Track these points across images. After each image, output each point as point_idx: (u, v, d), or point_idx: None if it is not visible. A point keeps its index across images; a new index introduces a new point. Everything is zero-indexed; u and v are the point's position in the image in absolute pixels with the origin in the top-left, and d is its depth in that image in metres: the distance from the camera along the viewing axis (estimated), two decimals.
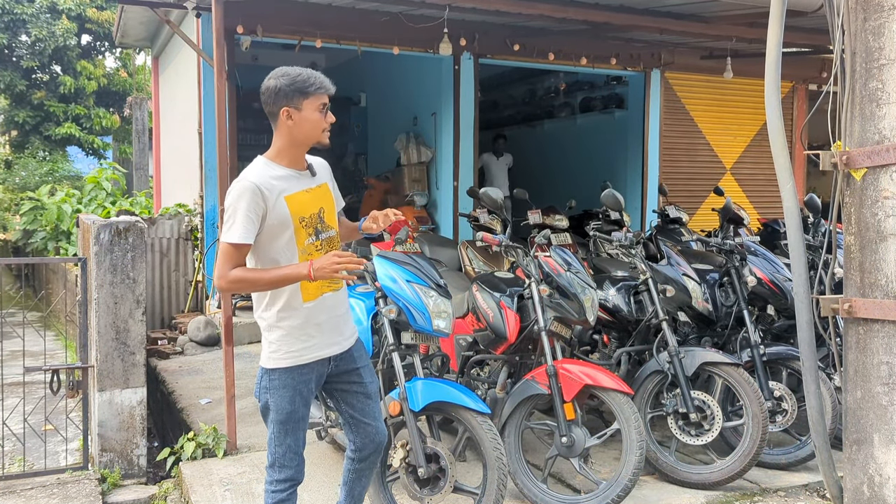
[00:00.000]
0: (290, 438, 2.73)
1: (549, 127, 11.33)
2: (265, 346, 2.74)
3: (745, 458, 3.85)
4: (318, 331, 2.72)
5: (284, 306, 2.67)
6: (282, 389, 2.69)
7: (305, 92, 2.63)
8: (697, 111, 9.77)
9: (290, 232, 2.65)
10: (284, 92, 2.63)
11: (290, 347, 2.68)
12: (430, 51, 7.68)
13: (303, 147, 2.73)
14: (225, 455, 4.44)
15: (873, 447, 2.94)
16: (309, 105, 2.64)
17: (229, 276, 2.57)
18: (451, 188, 8.46)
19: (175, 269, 8.39)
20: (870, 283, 2.93)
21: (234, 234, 2.56)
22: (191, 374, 6.46)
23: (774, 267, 4.51)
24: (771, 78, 3.11)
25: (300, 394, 2.71)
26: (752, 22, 6.24)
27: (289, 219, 2.64)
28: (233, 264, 2.58)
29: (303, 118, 2.64)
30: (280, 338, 2.69)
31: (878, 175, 2.88)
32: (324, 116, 2.68)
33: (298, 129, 2.66)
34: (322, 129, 2.69)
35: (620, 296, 4.31)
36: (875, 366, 2.92)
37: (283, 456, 2.73)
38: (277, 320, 2.68)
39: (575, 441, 3.55)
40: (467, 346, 4.14)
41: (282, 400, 2.69)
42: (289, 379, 2.69)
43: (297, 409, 2.72)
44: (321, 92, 2.66)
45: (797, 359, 4.25)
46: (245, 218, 2.56)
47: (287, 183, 2.67)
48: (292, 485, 2.78)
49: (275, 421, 2.72)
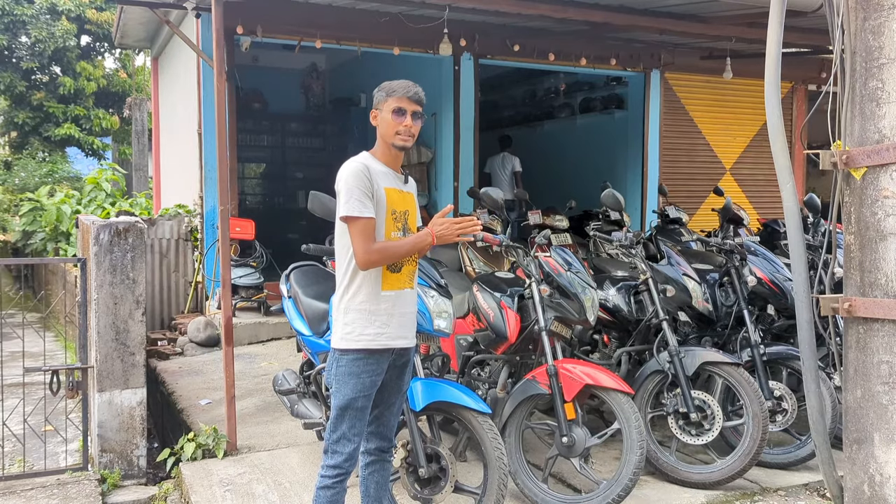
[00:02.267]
0: (346, 425, 2.79)
1: (549, 127, 11.33)
2: (338, 329, 2.83)
3: (746, 458, 3.85)
4: (391, 321, 2.83)
5: (366, 293, 2.80)
6: (348, 376, 2.79)
7: (387, 94, 2.86)
8: (697, 111, 9.77)
9: (382, 218, 2.82)
10: (377, 96, 2.90)
11: (364, 330, 2.78)
12: (430, 51, 7.68)
13: (388, 148, 2.89)
14: (225, 456, 4.43)
15: (874, 446, 2.94)
16: (387, 107, 2.85)
17: (373, 249, 2.73)
18: (452, 189, 8.46)
19: (175, 270, 8.39)
20: (870, 282, 2.92)
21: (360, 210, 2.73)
22: (191, 374, 6.46)
23: (774, 267, 4.51)
24: (771, 78, 3.11)
25: (364, 382, 2.79)
26: (751, 22, 6.24)
27: (385, 207, 2.83)
28: (367, 237, 2.73)
29: (381, 118, 2.87)
30: (355, 319, 2.79)
31: (878, 174, 2.88)
32: (397, 119, 2.83)
33: (380, 128, 2.88)
34: (394, 130, 2.84)
35: (621, 296, 4.31)
36: (875, 365, 2.92)
37: (337, 442, 2.80)
38: (358, 304, 2.79)
39: (576, 441, 3.55)
40: (468, 346, 4.14)
41: (345, 385, 2.78)
42: (357, 365, 2.78)
43: (358, 397, 2.79)
44: (396, 95, 2.85)
45: (797, 358, 4.26)
46: (361, 194, 2.74)
47: (386, 178, 2.87)
48: (340, 474, 2.81)
49: (335, 406, 2.81)
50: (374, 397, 2.86)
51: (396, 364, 2.91)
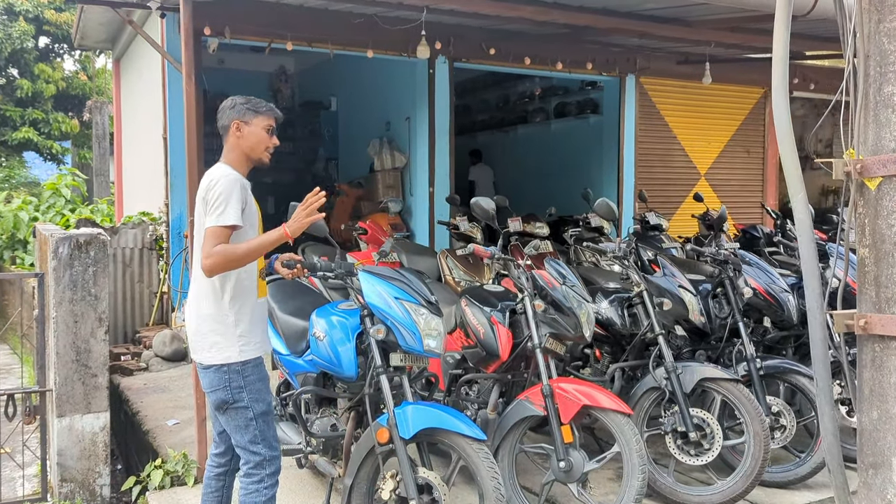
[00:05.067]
0: (271, 429, 2.92)
1: (523, 132, 11.19)
2: (231, 342, 2.84)
3: (748, 479, 3.69)
4: (264, 326, 3.02)
5: (246, 302, 2.89)
6: (258, 382, 2.88)
7: (256, 111, 2.96)
8: (672, 116, 9.70)
9: (255, 230, 2.93)
10: (238, 109, 2.96)
11: (256, 338, 2.91)
12: (404, 54, 7.46)
13: (249, 162, 2.99)
14: (196, 483, 4.16)
15: (892, 471, 2.79)
16: (257, 122, 2.95)
17: (214, 251, 2.73)
18: (427, 194, 8.24)
19: (139, 281, 8.04)
20: (886, 297, 2.77)
21: (230, 217, 2.76)
22: (157, 392, 6.14)
23: (770, 277, 4.37)
24: (778, 83, 2.95)
25: (268, 383, 2.91)
26: (734, 27, 6.13)
27: (257, 217, 2.96)
28: (217, 244, 2.75)
29: (250, 132, 2.93)
30: (247, 330, 2.86)
31: (894, 185, 2.74)
32: (269, 136, 2.97)
33: (245, 142, 2.94)
34: (265, 147, 2.97)
35: (613, 308, 4.13)
36: (893, 385, 2.77)
37: (271, 447, 2.90)
38: (244, 314, 2.87)
39: (573, 465, 3.36)
40: (455, 363, 3.92)
41: (260, 392, 2.87)
42: (261, 370, 2.91)
43: (270, 399, 2.92)
44: (269, 114, 2.98)
45: (795, 372, 4.13)
46: (238, 205, 2.79)
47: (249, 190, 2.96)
48: (278, 473, 2.96)
49: (257, 416, 2.85)
50: None
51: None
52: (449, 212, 8.00)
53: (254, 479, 2.89)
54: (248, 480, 2.91)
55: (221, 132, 3.00)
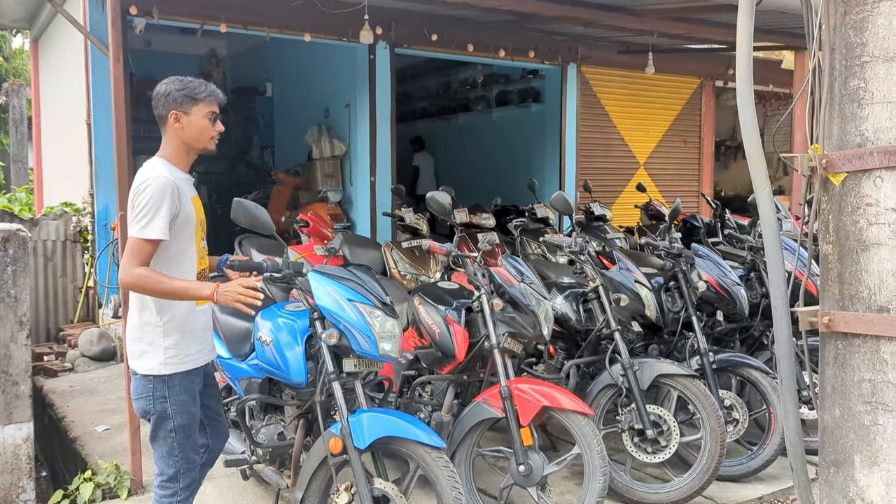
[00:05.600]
0: (191, 441, 2.80)
1: (464, 120, 11.05)
2: (157, 353, 2.71)
3: (704, 475, 3.66)
4: (205, 335, 2.86)
5: (178, 312, 2.73)
6: (183, 394, 2.75)
7: (195, 98, 2.73)
8: (612, 106, 9.73)
9: (191, 232, 2.75)
10: (174, 96, 2.72)
11: (188, 351, 2.75)
12: (344, 39, 7.20)
13: (192, 153, 2.81)
14: (129, 496, 3.89)
15: (854, 469, 2.77)
16: (198, 111, 2.74)
17: (135, 273, 2.58)
18: (368, 184, 8.02)
19: (62, 275, 7.59)
20: (850, 294, 2.74)
21: (155, 231, 2.59)
22: (84, 394, 5.79)
23: (722, 270, 4.36)
24: (743, 75, 2.87)
25: (197, 395, 2.81)
26: (680, 17, 6.12)
27: (195, 219, 2.76)
28: (141, 261, 2.60)
29: (191, 122, 2.73)
30: (178, 342, 2.72)
31: (859, 180, 2.70)
32: (212, 124, 2.78)
33: (186, 133, 2.74)
34: (210, 136, 2.78)
35: (568, 304, 4.04)
36: (856, 383, 2.75)
37: (187, 460, 2.79)
38: (176, 324, 2.72)
39: (533, 469, 3.25)
40: (408, 364, 3.76)
41: (184, 404, 2.75)
42: (188, 382, 2.76)
43: (197, 410, 2.81)
44: (211, 99, 2.76)
45: (747, 365, 4.12)
46: (166, 214, 2.60)
47: (187, 185, 2.78)
48: (194, 491, 2.87)
49: (178, 428, 2.74)
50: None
51: (206, 372, 2.94)
52: (391, 202, 7.81)
53: (167, 493, 2.79)
54: (161, 493, 2.81)
55: (158, 122, 2.78)
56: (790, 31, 6.74)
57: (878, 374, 2.70)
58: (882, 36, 2.62)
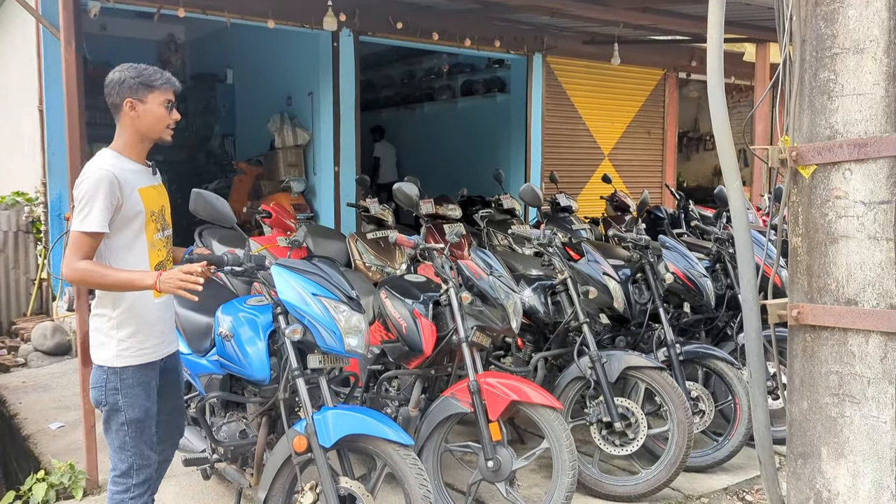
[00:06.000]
0: (146, 436, 2.74)
1: (429, 110, 10.96)
2: (111, 345, 2.68)
3: (672, 467, 3.66)
4: (164, 328, 2.80)
5: (137, 302, 2.69)
6: (137, 388, 2.69)
7: (150, 86, 2.67)
8: (577, 96, 9.72)
9: (140, 224, 2.68)
10: (129, 84, 2.65)
11: (143, 344, 2.70)
12: (307, 25, 7.06)
13: (147, 142, 2.75)
14: (85, 496, 3.76)
15: (821, 461, 2.78)
16: (153, 99, 2.68)
17: (77, 267, 2.54)
18: (332, 173, 7.89)
19: (14, 267, 7.34)
20: (818, 287, 2.74)
21: (92, 223, 2.54)
22: (37, 390, 5.60)
23: (688, 262, 4.35)
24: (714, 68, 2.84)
25: (152, 390, 2.75)
26: (645, 7, 6.10)
27: (143, 211, 2.68)
28: (83, 254, 2.56)
29: (146, 111, 2.67)
30: (131, 334, 2.68)
31: (829, 173, 2.69)
32: (168, 112, 2.72)
33: (141, 122, 2.69)
34: (166, 124, 2.73)
35: (536, 296, 4.00)
36: (823, 375, 2.75)
37: (141, 456, 2.73)
38: (130, 316, 2.68)
39: (501, 464, 3.21)
40: (374, 358, 3.69)
41: (137, 398, 2.69)
42: (141, 376, 2.70)
43: (152, 405, 2.74)
44: (167, 87, 2.70)
45: (713, 357, 4.14)
46: (103, 207, 2.55)
47: (138, 177, 2.71)
48: (150, 486, 2.79)
49: (130, 421, 2.69)
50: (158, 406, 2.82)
51: (168, 367, 2.88)
52: (356, 192, 7.70)
53: (120, 488, 2.73)
54: (114, 489, 2.75)
55: (112, 111, 2.70)
56: (753, 23, 6.78)
57: (845, 366, 2.70)
58: (853, 27, 2.61)
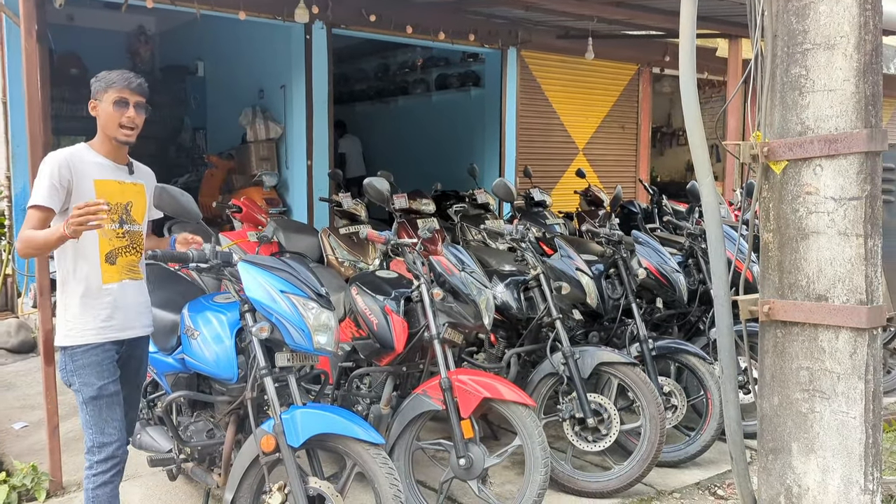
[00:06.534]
0: (107, 413, 2.80)
1: (403, 104, 10.88)
2: (60, 326, 2.83)
3: (644, 462, 3.66)
4: (116, 313, 2.85)
5: (85, 287, 2.81)
6: (86, 367, 2.80)
7: (107, 86, 2.84)
8: (552, 91, 9.70)
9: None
10: (94, 86, 2.87)
11: (86, 325, 2.80)
12: (279, 17, 6.96)
13: (108, 139, 2.87)
14: (48, 498, 3.67)
15: (791, 456, 2.79)
16: (107, 98, 2.82)
17: (21, 236, 2.68)
18: (305, 167, 7.80)
19: None
20: (789, 283, 2.75)
21: (37, 198, 2.70)
22: (1, 389, 5.47)
23: (661, 258, 4.36)
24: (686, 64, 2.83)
25: (107, 369, 2.82)
26: (619, 2, 6.09)
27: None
28: (30, 227, 2.67)
29: (101, 110, 2.84)
30: (76, 316, 2.80)
31: (800, 169, 2.69)
32: (119, 111, 2.82)
33: (100, 121, 2.86)
34: (117, 122, 2.82)
35: (509, 292, 3.98)
36: (794, 371, 2.76)
37: (102, 433, 2.80)
38: (75, 297, 2.80)
39: (473, 462, 3.18)
40: (345, 355, 3.64)
41: (88, 377, 2.79)
42: (91, 356, 2.80)
43: (107, 384, 2.81)
44: (118, 86, 2.82)
45: (686, 352, 4.14)
46: (49, 185, 2.70)
47: (100, 169, 2.85)
48: (115, 465, 2.82)
49: (87, 400, 2.80)
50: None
51: (127, 355, 2.94)
52: (329, 187, 7.63)
53: (87, 465, 2.85)
54: (85, 465, 2.87)
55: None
56: (726, 18, 6.81)
57: (815, 362, 2.71)
58: (824, 23, 2.61)
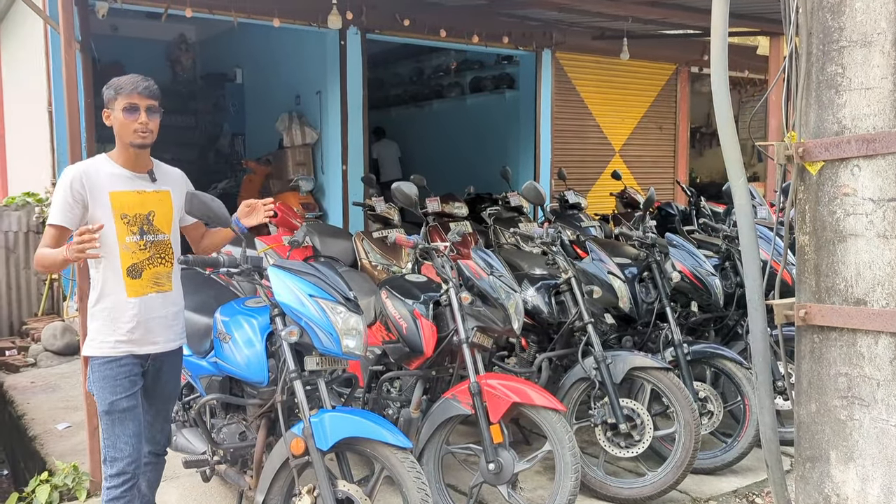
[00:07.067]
0: (118, 429, 2.79)
1: (437, 107, 10.90)
2: (88, 335, 2.84)
3: (679, 469, 3.59)
4: (138, 328, 2.81)
5: (110, 301, 2.80)
6: (102, 381, 2.80)
7: (117, 93, 2.80)
8: (587, 92, 9.63)
9: (110, 225, 2.76)
10: (106, 95, 2.83)
11: (106, 338, 2.79)
12: (313, 24, 7.04)
13: (128, 149, 2.83)
14: (88, 497, 3.75)
15: (830, 465, 2.71)
16: (118, 105, 2.79)
17: (36, 253, 2.75)
18: (340, 172, 7.87)
19: (25, 267, 7.36)
20: (826, 287, 2.67)
21: (52, 216, 2.75)
22: (46, 391, 5.61)
23: (696, 260, 4.28)
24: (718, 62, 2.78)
25: (120, 385, 2.79)
26: (654, 1, 6.02)
27: (110, 213, 2.77)
28: (45, 244, 2.72)
29: (114, 118, 2.82)
30: (98, 328, 2.80)
31: (836, 169, 2.62)
32: (130, 117, 2.78)
33: (115, 130, 2.83)
34: (131, 129, 2.78)
35: (540, 296, 3.95)
36: (832, 377, 2.69)
37: (114, 448, 2.79)
38: (99, 310, 2.81)
39: (503, 467, 3.16)
40: (375, 359, 3.65)
41: (103, 390, 2.80)
42: (107, 370, 2.79)
43: (119, 399, 2.79)
44: (124, 93, 2.79)
45: (721, 357, 4.06)
46: (63, 201, 2.72)
47: (117, 181, 2.82)
48: (126, 482, 2.79)
49: (101, 412, 2.81)
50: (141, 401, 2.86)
51: (154, 369, 2.90)
52: (363, 191, 7.67)
53: (104, 477, 2.85)
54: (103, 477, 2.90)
55: None
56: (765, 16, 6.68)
57: (854, 368, 2.64)
58: (860, 20, 2.54)
